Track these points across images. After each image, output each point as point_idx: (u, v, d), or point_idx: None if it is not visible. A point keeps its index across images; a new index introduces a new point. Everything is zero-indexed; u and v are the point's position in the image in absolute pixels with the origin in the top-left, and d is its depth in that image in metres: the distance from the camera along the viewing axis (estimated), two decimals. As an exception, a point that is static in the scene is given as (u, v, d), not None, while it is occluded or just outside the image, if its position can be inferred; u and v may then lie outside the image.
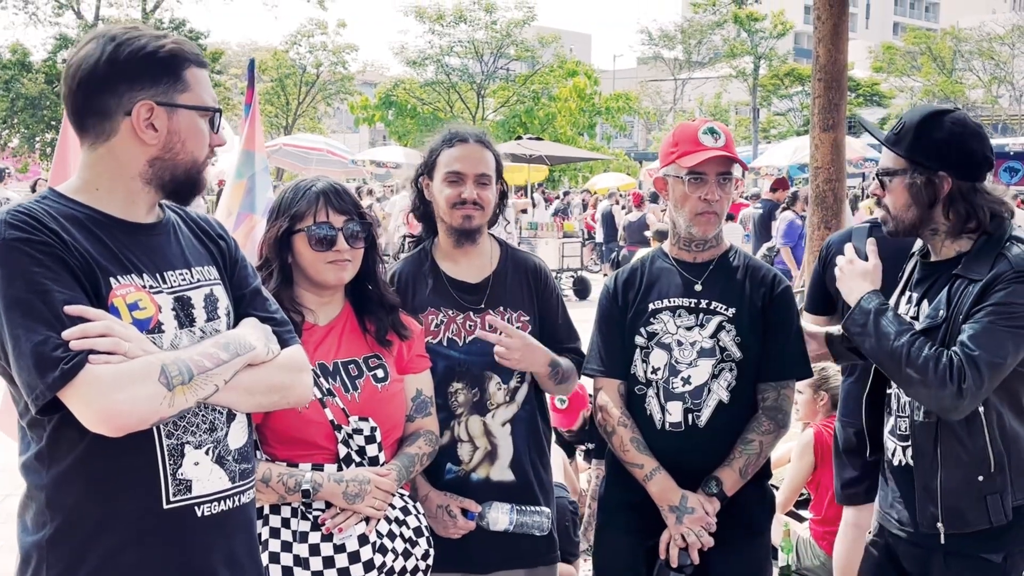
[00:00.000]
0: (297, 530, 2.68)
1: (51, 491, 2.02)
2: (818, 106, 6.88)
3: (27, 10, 35.47)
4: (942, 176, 2.76)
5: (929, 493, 2.78)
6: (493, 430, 3.17)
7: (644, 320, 3.18)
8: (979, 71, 51.48)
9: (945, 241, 2.85)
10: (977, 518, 2.73)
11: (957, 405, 2.62)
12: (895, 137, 2.84)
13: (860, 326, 2.81)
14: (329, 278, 2.83)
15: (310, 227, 2.80)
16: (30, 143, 33.55)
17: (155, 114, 2.08)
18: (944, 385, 2.60)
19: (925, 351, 2.65)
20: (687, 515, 3.03)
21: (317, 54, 44.56)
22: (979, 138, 2.79)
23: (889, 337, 2.72)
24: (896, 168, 2.84)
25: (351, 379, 2.82)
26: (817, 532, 5.10)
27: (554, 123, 37.14)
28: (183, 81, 2.11)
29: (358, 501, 2.67)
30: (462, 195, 3.13)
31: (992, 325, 2.62)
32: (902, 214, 2.85)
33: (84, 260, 1.99)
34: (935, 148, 2.77)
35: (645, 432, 3.14)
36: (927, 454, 2.79)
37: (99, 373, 1.89)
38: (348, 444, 2.73)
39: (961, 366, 2.59)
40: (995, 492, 2.72)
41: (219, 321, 2.21)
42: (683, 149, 3.10)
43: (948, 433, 2.74)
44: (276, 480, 2.65)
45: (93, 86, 2.05)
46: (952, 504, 2.74)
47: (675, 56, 58.13)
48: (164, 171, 2.13)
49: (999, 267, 2.68)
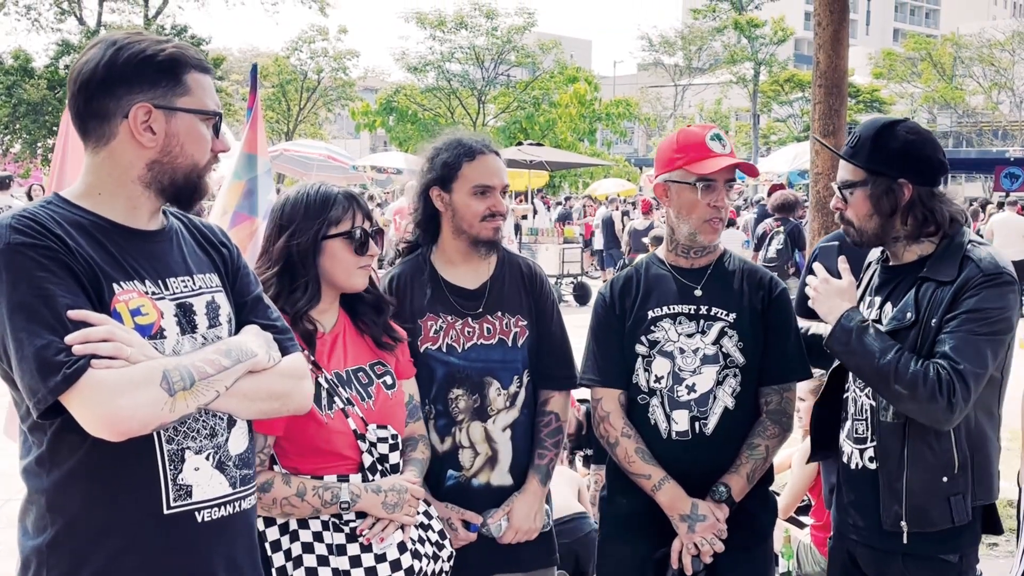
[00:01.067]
0: (333, 543, 2.65)
1: (52, 495, 2.02)
2: (818, 112, 6.88)
3: (29, 16, 35.58)
4: (902, 183, 2.82)
5: (894, 493, 2.81)
6: (494, 435, 3.17)
7: (644, 328, 3.15)
8: (979, 77, 51.61)
9: (906, 246, 2.90)
10: (940, 518, 2.76)
11: (948, 418, 2.66)
12: (852, 150, 2.90)
13: (843, 344, 2.82)
14: (359, 282, 2.83)
15: (351, 231, 2.79)
16: (32, 149, 33.59)
17: (153, 117, 2.08)
18: (934, 400, 2.63)
19: (912, 367, 2.67)
20: (699, 523, 3.02)
21: (318, 60, 44.74)
22: (933, 145, 2.88)
23: (874, 355, 2.74)
24: (856, 180, 2.89)
25: (363, 387, 2.81)
26: (818, 538, 5.09)
27: (554, 129, 37.17)
28: (183, 85, 2.12)
29: (397, 510, 2.67)
30: (493, 208, 3.13)
31: (970, 335, 2.66)
32: (865, 224, 2.90)
33: (88, 265, 1.99)
34: (893, 157, 2.83)
35: (650, 442, 3.12)
36: (894, 455, 2.82)
37: (101, 378, 1.89)
38: (371, 453, 2.73)
39: (950, 380, 2.62)
40: (958, 493, 2.76)
41: (221, 328, 2.21)
42: (692, 156, 3.07)
43: (916, 434, 2.78)
44: (312, 494, 2.62)
45: (93, 89, 2.06)
46: (917, 504, 2.77)
47: (675, 62, 58.30)
48: (163, 175, 2.13)
49: (967, 271, 2.73)
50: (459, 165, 3.15)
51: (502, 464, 3.18)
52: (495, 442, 3.17)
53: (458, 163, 3.15)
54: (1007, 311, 2.71)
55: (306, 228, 2.78)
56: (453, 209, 3.17)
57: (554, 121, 37.56)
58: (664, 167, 3.16)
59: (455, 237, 3.20)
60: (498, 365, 3.18)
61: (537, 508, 3.18)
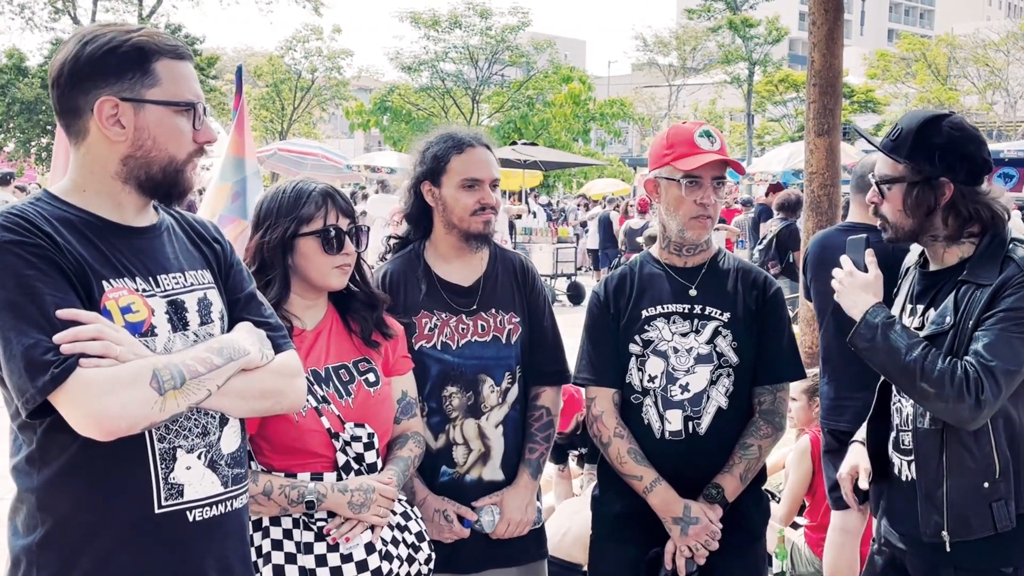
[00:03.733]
0: (301, 541, 2.64)
1: (42, 494, 2.01)
2: (813, 111, 6.89)
3: (23, 15, 35.50)
4: (943, 182, 2.71)
5: (934, 502, 2.72)
6: (487, 432, 3.17)
7: (638, 327, 3.13)
8: (974, 78, 51.66)
9: (946, 247, 2.80)
10: (981, 525, 2.67)
11: (975, 416, 2.57)
12: (892, 144, 2.78)
13: (868, 341, 2.72)
14: (334, 282, 2.80)
15: (322, 230, 2.76)
16: (25, 148, 33.51)
17: (120, 110, 2.03)
18: (962, 398, 2.54)
19: (939, 364, 2.59)
20: (692, 526, 3.00)
21: (312, 59, 44.66)
22: (977, 142, 2.75)
23: (900, 352, 2.65)
24: (895, 175, 2.78)
25: (343, 384, 2.78)
26: (812, 539, 5.10)
27: (549, 129, 37.14)
28: (151, 75, 2.05)
29: (364, 510, 2.65)
30: (483, 201, 3.12)
31: (1004, 332, 2.57)
32: (902, 221, 2.79)
33: (77, 263, 1.97)
34: (936, 153, 2.70)
35: (643, 442, 3.10)
36: (932, 462, 2.72)
37: (90, 377, 1.87)
38: (346, 452, 2.71)
39: (978, 377, 2.53)
40: (1000, 499, 2.66)
41: (213, 325, 2.19)
42: (679, 152, 3.05)
43: (954, 440, 2.69)
44: (278, 492, 2.61)
45: (63, 85, 2.04)
46: (958, 512, 2.68)
47: (670, 62, 58.30)
48: (138, 169, 2.08)
49: (1008, 271, 2.63)
50: (448, 158, 3.14)
51: (494, 460, 3.18)
52: (488, 438, 3.17)
53: (447, 156, 3.14)
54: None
55: (280, 225, 2.76)
56: (443, 203, 3.16)
57: (548, 121, 37.53)
58: (654, 163, 3.15)
59: (447, 232, 3.19)
60: (492, 362, 3.18)
61: (528, 500, 3.19)
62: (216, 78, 35.76)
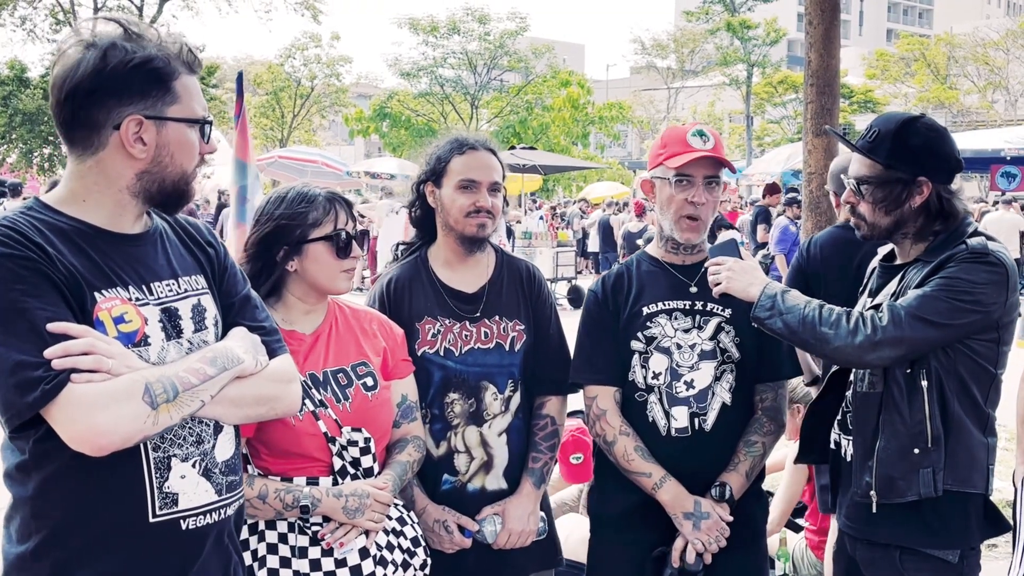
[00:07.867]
0: (296, 545, 2.64)
1: (36, 503, 2.00)
2: (811, 111, 6.87)
3: (25, 27, 35.55)
4: (922, 181, 2.79)
5: (865, 462, 2.79)
6: (490, 440, 3.15)
7: (640, 324, 3.12)
8: (974, 76, 51.65)
9: (913, 243, 2.88)
10: (907, 487, 2.72)
11: (874, 348, 2.64)
12: (870, 145, 2.84)
13: (768, 309, 2.79)
14: (342, 286, 2.80)
15: (332, 234, 2.75)
16: (28, 158, 33.52)
17: (144, 128, 2.03)
18: (856, 332, 2.64)
19: (837, 310, 2.71)
20: (704, 520, 3.00)
21: (311, 67, 44.73)
22: (950, 141, 2.85)
23: (799, 307, 2.75)
24: (872, 175, 2.84)
25: (341, 388, 2.77)
26: (813, 541, 5.08)
27: (548, 133, 37.20)
28: (172, 93, 2.07)
29: (358, 516, 2.64)
30: (478, 203, 3.09)
31: (933, 291, 2.65)
32: (879, 219, 2.86)
33: (69, 274, 1.96)
34: (914, 154, 2.79)
35: (649, 440, 3.08)
36: (868, 424, 2.80)
37: (81, 392, 1.86)
38: (343, 456, 2.70)
39: (874, 315, 2.65)
40: (928, 466, 2.71)
41: (207, 332, 2.18)
42: (671, 151, 3.06)
43: (890, 404, 2.75)
44: (273, 496, 2.60)
45: (80, 99, 2.00)
46: (885, 472, 2.74)
47: (668, 65, 58.35)
48: (152, 183, 2.09)
49: (956, 249, 2.72)
50: (449, 159, 3.13)
51: (497, 469, 3.16)
52: (490, 447, 3.15)
53: (448, 157, 3.13)
54: (979, 286, 2.64)
55: (292, 230, 2.74)
56: (442, 204, 3.15)
57: (547, 125, 37.58)
58: (650, 164, 3.18)
59: (446, 235, 3.18)
60: (495, 370, 3.16)
61: (531, 510, 3.15)
62: (216, 87, 35.77)
